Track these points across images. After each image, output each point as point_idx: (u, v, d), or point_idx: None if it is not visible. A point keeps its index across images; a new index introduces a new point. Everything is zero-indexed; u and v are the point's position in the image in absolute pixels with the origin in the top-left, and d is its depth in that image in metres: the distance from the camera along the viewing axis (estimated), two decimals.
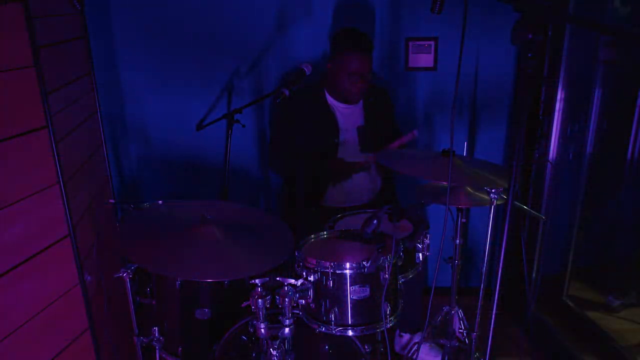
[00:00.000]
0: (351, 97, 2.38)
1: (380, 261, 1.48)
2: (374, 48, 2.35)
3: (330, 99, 2.45)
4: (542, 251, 2.62)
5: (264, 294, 1.45)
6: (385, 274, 1.49)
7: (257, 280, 1.45)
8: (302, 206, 2.48)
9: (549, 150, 2.55)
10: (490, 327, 1.30)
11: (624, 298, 2.70)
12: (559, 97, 2.47)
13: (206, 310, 1.71)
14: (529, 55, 1.02)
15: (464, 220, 1.97)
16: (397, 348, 2.55)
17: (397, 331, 2.55)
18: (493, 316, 1.27)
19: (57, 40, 1.81)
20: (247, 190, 2.94)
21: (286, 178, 2.66)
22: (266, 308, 1.45)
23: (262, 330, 1.46)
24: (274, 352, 1.47)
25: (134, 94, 2.76)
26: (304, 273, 1.53)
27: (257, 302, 1.43)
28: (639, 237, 2.79)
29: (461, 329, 2.07)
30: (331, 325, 1.51)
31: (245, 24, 2.65)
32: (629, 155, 2.70)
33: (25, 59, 1.53)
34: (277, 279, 1.49)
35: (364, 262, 1.47)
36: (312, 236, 1.71)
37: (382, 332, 1.61)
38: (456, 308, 2.08)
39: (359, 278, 1.49)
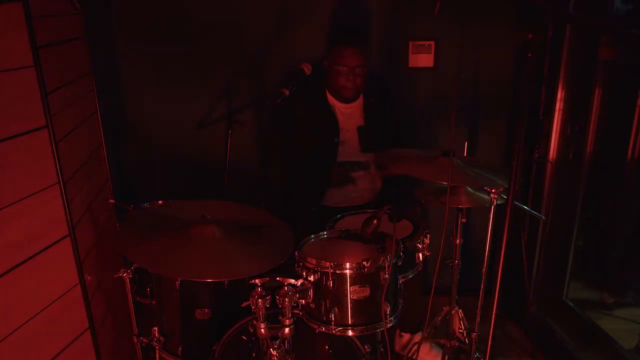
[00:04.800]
0: (345, 92, 2.38)
1: (380, 261, 1.48)
2: (370, 45, 2.36)
3: (330, 99, 2.45)
4: (542, 251, 2.62)
5: (264, 294, 1.45)
6: (385, 274, 1.49)
7: (257, 280, 1.45)
8: (302, 206, 2.48)
9: (549, 150, 2.55)
10: (490, 327, 1.30)
11: (619, 296, 2.71)
12: (559, 97, 2.47)
13: (206, 310, 1.71)
14: (529, 55, 1.01)
15: (464, 220, 1.97)
16: (397, 348, 2.55)
17: (397, 331, 2.55)
18: (493, 316, 1.27)
19: (57, 40, 1.81)
20: (247, 190, 2.94)
21: (286, 178, 2.66)
22: (266, 308, 1.46)
23: (262, 330, 1.46)
24: (274, 352, 1.47)
25: (134, 94, 2.76)
26: (304, 273, 1.53)
27: (257, 302, 1.44)
28: (638, 237, 2.79)
29: (461, 329, 2.07)
30: (331, 325, 1.51)
31: (245, 24, 2.65)
32: (629, 155, 2.70)
33: (25, 59, 1.53)
34: (277, 279, 1.49)
35: (364, 262, 1.47)
36: (312, 236, 1.71)
37: (382, 332, 1.61)
38: (456, 308, 2.08)
39: (359, 278, 1.49)
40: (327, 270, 1.48)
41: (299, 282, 1.50)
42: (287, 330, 1.47)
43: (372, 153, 2.46)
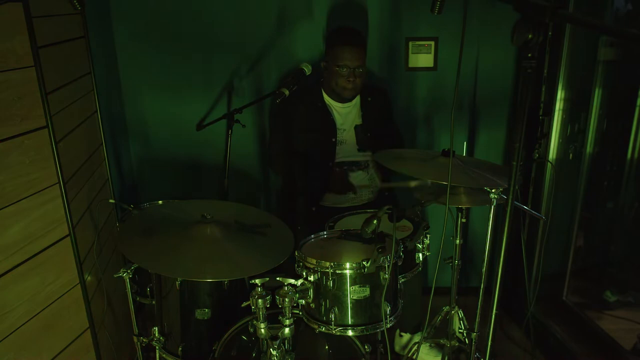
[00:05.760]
0: (344, 92, 2.37)
1: (380, 261, 1.49)
2: (368, 45, 2.35)
3: (327, 99, 2.45)
4: (542, 251, 2.63)
5: (264, 294, 1.45)
6: (385, 274, 1.49)
7: (257, 280, 1.45)
8: (302, 206, 2.48)
9: (549, 150, 2.55)
10: (490, 327, 1.30)
11: (621, 295, 2.71)
12: (559, 97, 2.47)
13: (206, 310, 1.71)
14: (529, 55, 1.01)
15: (464, 220, 1.97)
16: (397, 348, 2.55)
17: (397, 331, 2.55)
18: (493, 316, 1.27)
19: (57, 40, 1.81)
20: (247, 190, 2.94)
21: (286, 178, 2.66)
22: (266, 308, 1.46)
23: (262, 330, 1.46)
24: (274, 352, 1.47)
25: (134, 94, 2.76)
26: (304, 273, 1.53)
27: (257, 302, 1.44)
28: (638, 237, 2.80)
29: (461, 329, 2.07)
30: (331, 325, 1.51)
31: (245, 24, 2.65)
32: (629, 155, 2.70)
33: (25, 59, 1.53)
34: (277, 279, 1.49)
35: (364, 262, 1.47)
36: (312, 236, 1.71)
37: (382, 332, 1.61)
38: (456, 308, 2.08)
39: (359, 278, 1.49)
40: (327, 270, 1.48)
41: (299, 282, 1.50)
42: (287, 330, 1.47)
43: (371, 152, 2.46)
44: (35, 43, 1.55)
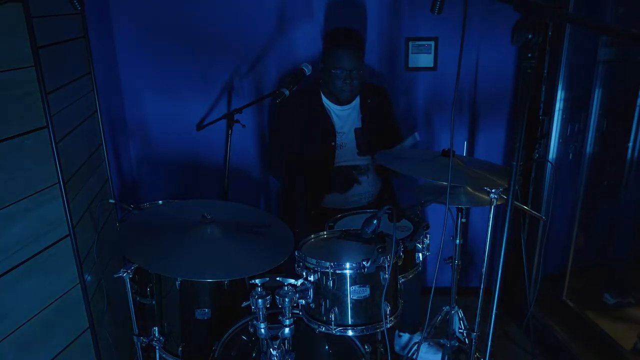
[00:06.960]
0: (341, 95, 2.35)
1: (380, 261, 1.48)
2: (368, 45, 2.34)
3: (326, 102, 2.44)
4: (542, 251, 2.62)
5: (264, 294, 1.45)
6: (385, 274, 1.49)
7: (257, 280, 1.45)
8: (302, 210, 2.47)
9: (549, 150, 2.55)
10: (490, 327, 1.30)
11: (621, 297, 2.70)
12: (559, 97, 2.47)
13: (206, 310, 1.71)
14: (529, 55, 1.01)
15: (464, 220, 1.97)
16: (397, 348, 2.55)
17: (397, 331, 2.55)
18: (493, 316, 1.27)
19: (57, 40, 1.81)
20: (247, 190, 2.94)
21: (285, 182, 2.63)
22: (266, 308, 1.46)
23: (262, 330, 1.47)
24: (274, 352, 1.47)
25: (134, 94, 2.76)
26: (304, 273, 1.53)
27: (257, 302, 1.44)
28: (638, 237, 2.79)
29: (461, 329, 2.07)
30: (331, 325, 1.51)
31: (245, 24, 2.65)
32: (629, 155, 2.70)
33: (25, 59, 1.53)
34: (277, 279, 1.49)
35: (364, 262, 1.47)
36: (312, 236, 1.71)
37: (382, 332, 1.61)
38: (456, 308, 2.08)
39: (359, 278, 1.49)
40: (327, 270, 1.48)
41: (299, 282, 1.50)
42: (287, 330, 1.47)
43: (371, 155, 2.45)
44: (35, 43, 1.55)
